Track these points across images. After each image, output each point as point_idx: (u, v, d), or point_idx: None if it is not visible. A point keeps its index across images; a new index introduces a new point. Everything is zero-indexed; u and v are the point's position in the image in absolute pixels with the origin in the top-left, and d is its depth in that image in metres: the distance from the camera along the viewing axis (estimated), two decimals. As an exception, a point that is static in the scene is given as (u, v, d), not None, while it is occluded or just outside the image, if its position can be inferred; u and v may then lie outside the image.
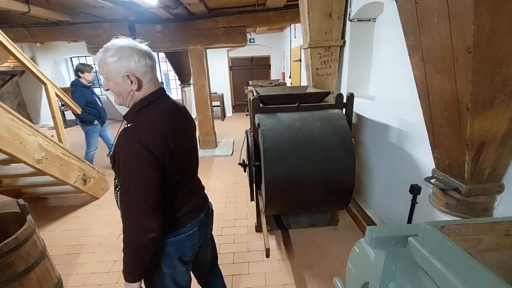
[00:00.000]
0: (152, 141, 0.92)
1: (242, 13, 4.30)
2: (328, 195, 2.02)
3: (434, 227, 0.63)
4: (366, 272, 0.84)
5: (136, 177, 0.91)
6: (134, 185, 0.92)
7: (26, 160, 2.38)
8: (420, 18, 1.15)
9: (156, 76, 1.06)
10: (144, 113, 1.00)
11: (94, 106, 3.70)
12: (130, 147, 0.91)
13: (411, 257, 0.67)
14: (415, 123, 1.91)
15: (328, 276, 2.04)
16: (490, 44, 0.94)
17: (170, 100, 1.11)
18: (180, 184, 1.09)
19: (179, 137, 1.04)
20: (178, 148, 1.02)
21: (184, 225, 1.14)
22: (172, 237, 1.11)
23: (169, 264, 1.15)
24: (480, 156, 1.23)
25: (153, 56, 1.04)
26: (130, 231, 0.94)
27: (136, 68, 0.96)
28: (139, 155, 0.90)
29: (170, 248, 1.11)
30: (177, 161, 1.02)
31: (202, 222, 1.23)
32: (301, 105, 2.14)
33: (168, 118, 1.02)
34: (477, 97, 1.05)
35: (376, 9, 2.60)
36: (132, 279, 1.00)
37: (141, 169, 0.91)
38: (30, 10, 3.32)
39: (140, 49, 0.98)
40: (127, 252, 0.97)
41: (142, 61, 0.97)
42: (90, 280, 2.11)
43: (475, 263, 0.56)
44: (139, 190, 0.92)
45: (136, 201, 0.92)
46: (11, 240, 1.56)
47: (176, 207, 1.11)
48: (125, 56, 0.94)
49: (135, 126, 0.96)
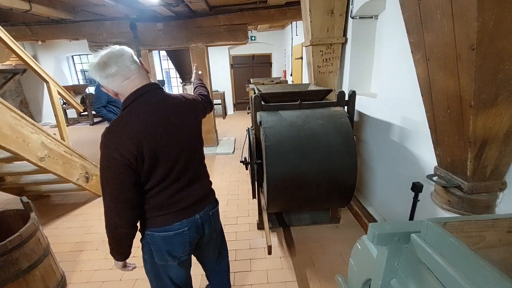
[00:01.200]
0: (123, 144, 0.96)
1: (244, 11, 4.29)
2: (330, 193, 2.03)
3: (436, 224, 0.63)
4: (368, 268, 0.85)
5: (107, 176, 0.99)
6: (105, 183, 1.00)
7: (29, 158, 2.39)
8: (423, 15, 1.14)
9: (130, 75, 1.03)
10: (124, 113, 1.03)
11: (116, 104, 3.49)
12: (104, 149, 0.98)
13: (413, 254, 0.67)
14: (417, 121, 1.91)
15: (330, 273, 2.05)
16: (494, 41, 0.94)
17: (157, 97, 1.08)
18: (165, 183, 1.10)
19: (158, 137, 1.03)
20: (153, 149, 1.02)
21: (171, 223, 1.15)
22: (160, 232, 1.15)
23: (159, 256, 1.20)
24: (483, 153, 1.22)
25: (119, 58, 1.00)
26: (105, 222, 1.04)
27: (106, 83, 1.02)
28: (109, 157, 0.97)
29: (159, 241, 1.17)
30: (153, 162, 1.03)
31: (196, 223, 1.21)
32: (303, 103, 2.14)
33: (144, 119, 1.01)
34: (480, 95, 1.05)
35: (378, 6, 2.59)
36: (116, 258, 1.15)
37: (112, 170, 0.98)
38: (32, 8, 3.32)
39: (100, 64, 0.99)
40: (108, 238, 1.08)
41: (103, 73, 0.99)
42: (94, 277, 2.13)
43: (478, 260, 0.56)
44: (109, 188, 1.00)
45: (107, 197, 1.00)
46: (15, 237, 1.58)
47: (162, 204, 1.12)
48: (94, 76, 1.01)
49: (110, 128, 1.00)
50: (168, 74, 9.14)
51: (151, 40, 4.46)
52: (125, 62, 1.00)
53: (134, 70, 1.03)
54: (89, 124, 8.01)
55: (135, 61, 1.05)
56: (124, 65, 1.00)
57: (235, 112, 9.10)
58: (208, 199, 1.30)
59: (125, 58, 1.01)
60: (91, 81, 9.10)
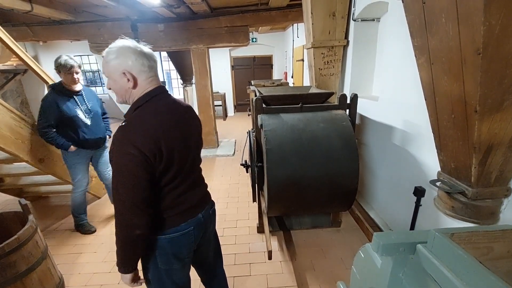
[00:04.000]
0: (142, 141, 0.94)
1: (245, 13, 4.29)
2: (331, 197, 2.01)
3: (443, 235, 0.61)
4: (372, 278, 0.83)
5: (124, 174, 0.95)
6: (122, 182, 0.95)
7: (28, 159, 2.38)
8: (427, 18, 1.13)
9: (155, 76, 1.07)
10: (139, 112, 1.03)
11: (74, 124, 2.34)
12: (121, 146, 0.95)
13: (419, 265, 0.65)
14: (419, 125, 1.89)
15: (331, 278, 2.03)
16: (500, 46, 0.92)
17: (169, 99, 1.11)
18: (174, 183, 1.09)
19: (174, 137, 1.04)
20: (170, 147, 1.02)
21: (179, 224, 1.14)
22: (167, 234, 1.12)
23: (164, 260, 1.16)
24: (488, 159, 1.20)
25: (154, 57, 1.06)
26: (119, 226, 0.99)
27: (132, 66, 0.99)
28: (129, 154, 0.93)
29: (165, 245, 1.13)
30: (169, 160, 1.03)
31: (199, 222, 1.22)
32: (304, 105, 2.12)
33: (161, 118, 1.03)
34: (486, 100, 1.03)
35: (381, 9, 2.57)
36: (124, 270, 1.06)
37: (129, 167, 0.94)
38: (33, 9, 3.32)
39: (139, 50, 1.01)
40: (118, 246, 1.02)
41: (139, 60, 1.00)
42: (92, 280, 2.11)
43: (487, 273, 0.54)
44: (126, 188, 0.95)
45: (123, 198, 0.96)
46: (13, 240, 1.56)
47: (170, 205, 1.12)
48: (123, 54, 0.98)
49: (127, 125, 0.99)
50: (169, 75, 9.14)
51: (152, 41, 4.45)
52: (156, 61, 1.07)
53: (156, 72, 1.08)
54: (90, 125, 7.99)
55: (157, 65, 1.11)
56: (155, 65, 1.06)
57: (235, 114, 9.09)
58: (207, 197, 1.33)
59: (156, 59, 1.08)
60: (92, 81, 9.11)
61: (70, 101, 2.32)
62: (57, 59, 2.23)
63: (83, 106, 2.41)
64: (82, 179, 2.55)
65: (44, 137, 2.26)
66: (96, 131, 2.49)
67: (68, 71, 2.24)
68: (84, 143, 2.42)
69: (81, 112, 2.39)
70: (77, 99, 2.37)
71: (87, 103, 2.44)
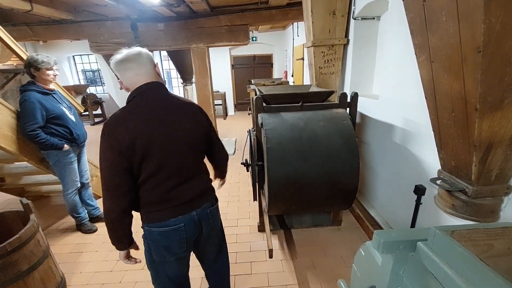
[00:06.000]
0: (118, 132, 1.05)
1: (245, 11, 4.28)
2: (332, 195, 2.01)
3: (444, 232, 0.62)
4: (373, 275, 0.83)
5: (102, 161, 1.08)
6: (101, 168, 1.08)
7: (29, 159, 2.39)
8: (427, 16, 1.12)
9: (139, 72, 1.13)
10: (123, 107, 1.14)
11: (62, 122, 2.31)
12: (102, 135, 1.07)
13: (419, 262, 0.66)
14: (420, 123, 1.89)
15: (331, 276, 2.03)
16: (501, 44, 0.92)
17: (154, 96, 1.15)
18: (158, 176, 1.14)
19: (153, 129, 1.10)
20: (146, 139, 1.08)
21: (167, 219, 1.18)
22: (158, 227, 1.18)
23: (157, 252, 1.24)
24: (488, 157, 1.20)
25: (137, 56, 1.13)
26: (103, 208, 1.12)
27: (120, 76, 1.14)
28: (106, 143, 1.06)
29: (156, 237, 1.20)
30: (146, 152, 1.08)
31: (193, 220, 1.24)
32: (305, 104, 2.12)
33: (138, 114, 1.10)
34: (486, 98, 1.03)
35: (381, 7, 2.57)
36: (116, 247, 1.19)
37: (106, 154, 1.07)
38: (33, 9, 3.32)
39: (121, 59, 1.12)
40: (106, 225, 1.14)
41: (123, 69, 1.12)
42: (93, 279, 2.12)
43: (487, 270, 0.55)
44: (104, 173, 1.08)
45: (102, 182, 1.09)
46: (14, 239, 1.57)
47: (158, 199, 1.17)
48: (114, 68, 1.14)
49: (111, 117, 1.11)
50: (169, 74, 9.14)
51: (152, 40, 4.45)
52: (140, 60, 1.12)
53: (145, 68, 1.14)
54: (90, 124, 8.01)
55: (150, 62, 1.16)
56: (138, 62, 1.12)
57: (235, 113, 9.08)
58: (206, 196, 1.32)
59: (141, 56, 1.13)
60: (92, 81, 9.11)
61: (52, 99, 2.29)
62: (34, 57, 2.15)
63: (64, 103, 2.41)
64: (75, 179, 2.53)
65: (35, 139, 2.14)
66: (80, 127, 2.51)
67: (51, 67, 2.21)
68: (76, 139, 2.43)
69: (65, 108, 2.38)
70: (55, 97, 2.34)
71: (64, 100, 2.46)
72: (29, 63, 2.16)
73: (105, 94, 8.86)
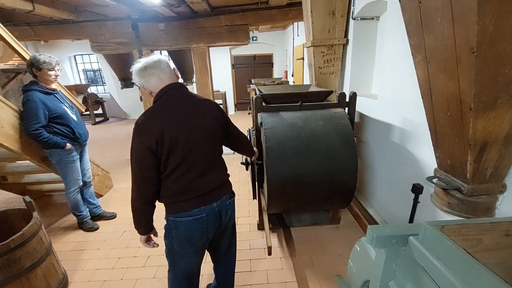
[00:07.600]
0: (146, 129, 1.18)
1: (245, 11, 4.29)
2: (330, 194, 2.03)
3: (434, 227, 0.64)
4: (367, 270, 0.85)
5: (132, 156, 1.20)
6: (131, 162, 1.21)
7: (31, 158, 2.42)
8: (423, 17, 1.15)
9: (162, 77, 1.26)
10: (150, 108, 1.26)
11: (64, 121, 2.35)
12: (133, 134, 1.20)
13: (411, 256, 0.68)
14: (418, 122, 1.91)
15: (330, 274, 2.06)
16: (494, 45, 0.94)
17: (179, 94, 1.28)
18: (183, 166, 1.24)
19: (178, 125, 1.21)
20: (174, 134, 1.19)
21: (191, 209, 1.27)
22: (182, 217, 1.28)
23: (178, 242, 1.33)
24: (483, 156, 1.23)
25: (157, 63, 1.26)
26: (131, 196, 1.24)
27: (144, 82, 1.27)
28: (135, 140, 1.19)
29: (181, 227, 1.29)
30: (173, 144, 1.19)
31: (213, 211, 1.33)
32: (304, 104, 2.14)
33: (166, 111, 1.23)
34: (480, 98, 1.05)
35: (380, 8, 2.59)
36: (138, 231, 1.32)
37: (136, 150, 1.19)
38: (35, 9, 3.34)
39: (144, 66, 1.24)
40: (132, 212, 1.26)
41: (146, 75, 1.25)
42: (95, 276, 2.14)
43: (475, 263, 0.57)
44: (133, 167, 1.20)
45: (132, 174, 1.21)
46: (18, 236, 1.59)
47: (182, 190, 1.26)
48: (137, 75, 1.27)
49: (141, 116, 1.23)
50: (169, 74, 9.14)
51: (153, 40, 4.47)
52: (161, 66, 1.25)
53: (167, 73, 1.27)
54: (91, 124, 8.04)
55: (169, 66, 1.29)
56: (159, 68, 1.25)
57: (236, 113, 9.10)
58: (225, 188, 1.43)
59: (161, 63, 1.26)
60: (93, 80, 9.14)
61: (54, 99, 2.33)
62: (36, 58, 2.18)
63: (65, 103, 2.45)
64: (77, 177, 2.56)
65: (38, 138, 2.18)
66: (82, 126, 2.55)
67: (53, 68, 2.25)
68: (78, 139, 2.46)
69: (67, 108, 2.42)
70: (58, 97, 2.38)
71: (66, 100, 2.50)
72: (31, 63, 2.19)
73: (106, 93, 8.89)
